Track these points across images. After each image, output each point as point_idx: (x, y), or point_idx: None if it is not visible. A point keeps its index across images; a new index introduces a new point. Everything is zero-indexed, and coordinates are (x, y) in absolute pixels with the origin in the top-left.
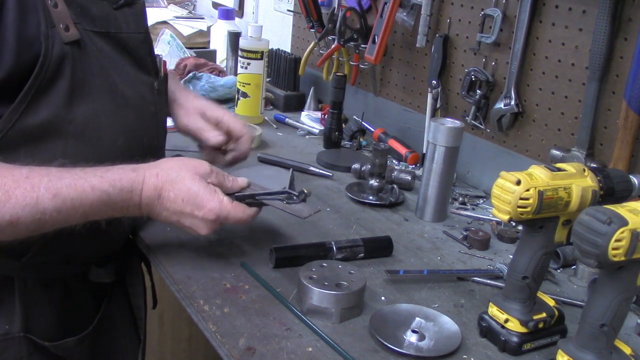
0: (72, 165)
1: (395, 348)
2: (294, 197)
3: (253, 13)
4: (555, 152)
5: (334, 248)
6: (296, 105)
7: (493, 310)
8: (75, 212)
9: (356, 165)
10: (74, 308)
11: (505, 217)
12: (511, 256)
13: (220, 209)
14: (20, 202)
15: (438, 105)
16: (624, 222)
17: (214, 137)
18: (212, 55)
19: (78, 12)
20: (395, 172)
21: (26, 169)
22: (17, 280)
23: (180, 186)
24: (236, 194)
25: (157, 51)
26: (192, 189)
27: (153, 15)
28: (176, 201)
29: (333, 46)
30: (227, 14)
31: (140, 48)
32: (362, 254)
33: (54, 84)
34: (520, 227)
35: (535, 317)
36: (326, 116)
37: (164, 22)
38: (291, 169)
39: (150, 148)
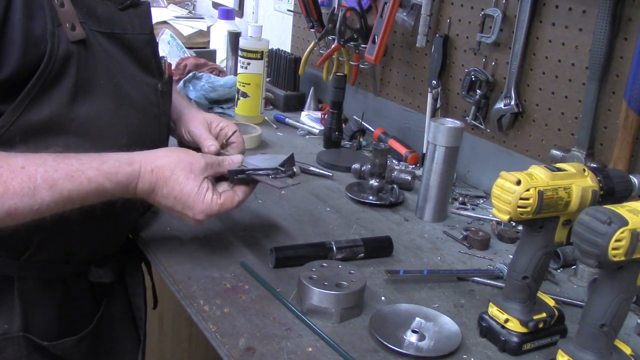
0: (66, 152)
1: (395, 348)
2: (281, 173)
3: (253, 13)
4: (555, 152)
5: (334, 248)
6: (296, 105)
7: (493, 310)
8: (72, 202)
9: (356, 165)
10: (73, 308)
11: (505, 217)
12: (511, 256)
13: (209, 209)
14: (18, 193)
15: (438, 105)
16: (624, 222)
17: (209, 148)
18: (212, 55)
19: (84, 12)
20: (395, 172)
21: (21, 157)
22: (16, 279)
23: (174, 185)
24: (229, 170)
25: None
26: (184, 190)
27: (153, 15)
28: (168, 198)
29: (333, 46)
30: (227, 14)
31: (144, 49)
32: (362, 254)
33: (58, 82)
34: (520, 227)
35: (535, 317)
36: (326, 116)
37: (164, 22)
38: (292, 153)
39: (152, 149)
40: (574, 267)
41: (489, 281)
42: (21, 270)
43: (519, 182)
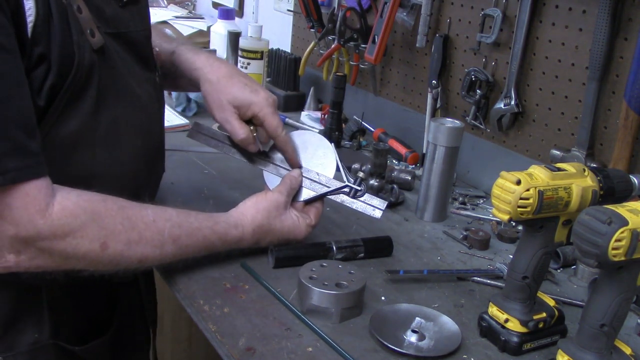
0: (177, 208)
1: (395, 348)
2: (359, 191)
3: (253, 13)
4: (555, 152)
5: (334, 248)
6: (296, 105)
7: (493, 310)
8: (186, 255)
9: (356, 165)
10: (95, 310)
11: (505, 217)
12: (511, 256)
13: (307, 232)
14: (150, 243)
15: (438, 105)
16: (624, 222)
17: (248, 148)
18: None
19: (95, 14)
20: (395, 172)
21: (151, 210)
22: (44, 288)
23: (274, 233)
24: (305, 200)
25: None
26: (283, 231)
27: (153, 15)
28: (273, 241)
29: (333, 46)
30: (227, 14)
31: (146, 45)
32: (362, 254)
33: (83, 93)
34: (520, 227)
35: (535, 317)
36: (326, 116)
37: (164, 22)
38: (332, 144)
39: (158, 146)
40: (574, 267)
41: (489, 281)
42: (49, 279)
43: (519, 182)
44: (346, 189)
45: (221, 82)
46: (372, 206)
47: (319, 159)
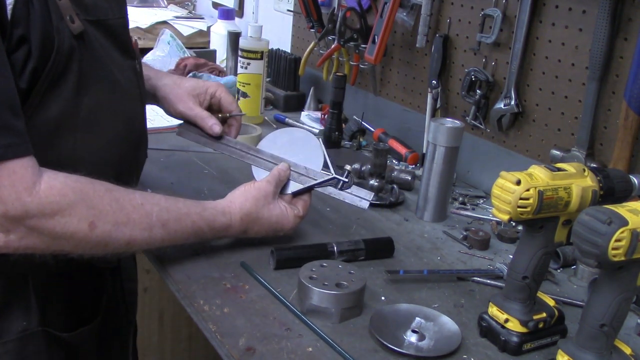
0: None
1: (395, 348)
2: (345, 183)
3: (253, 13)
4: (555, 152)
5: (336, 251)
6: (296, 105)
7: (493, 310)
8: (174, 241)
9: (356, 165)
10: (82, 296)
11: (505, 217)
12: (511, 256)
13: (295, 223)
14: (137, 225)
15: (438, 105)
16: (624, 222)
17: (212, 128)
18: (212, 55)
19: (75, 2)
20: (395, 172)
21: (139, 195)
22: (31, 276)
23: (262, 222)
24: (292, 192)
25: (157, 51)
26: (271, 220)
27: (153, 15)
28: (260, 232)
29: (333, 46)
30: (227, 14)
31: (124, 33)
32: (362, 257)
33: (63, 78)
34: (520, 227)
35: (535, 317)
36: (326, 116)
37: (164, 22)
38: (319, 139)
39: (140, 132)
40: (574, 267)
41: (489, 281)
42: (36, 267)
43: (519, 182)
44: (333, 181)
45: (176, 81)
46: (358, 197)
47: (306, 154)
